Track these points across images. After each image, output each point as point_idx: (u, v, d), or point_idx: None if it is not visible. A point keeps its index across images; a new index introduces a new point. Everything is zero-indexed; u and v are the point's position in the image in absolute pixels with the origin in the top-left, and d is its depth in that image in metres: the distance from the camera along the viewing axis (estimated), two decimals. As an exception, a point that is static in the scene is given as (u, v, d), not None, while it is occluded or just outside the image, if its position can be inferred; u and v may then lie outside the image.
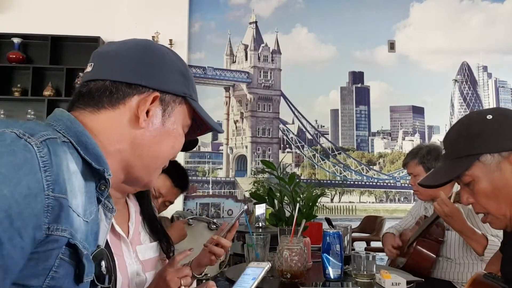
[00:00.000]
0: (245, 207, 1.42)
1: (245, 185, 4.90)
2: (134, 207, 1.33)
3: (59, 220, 0.57)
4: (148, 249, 1.30)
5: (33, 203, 0.54)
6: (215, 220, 2.20)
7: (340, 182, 5.19)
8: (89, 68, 0.74)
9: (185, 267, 1.23)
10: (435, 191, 1.93)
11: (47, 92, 4.33)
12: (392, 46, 5.23)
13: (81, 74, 4.39)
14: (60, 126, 0.65)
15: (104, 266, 0.71)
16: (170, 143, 0.76)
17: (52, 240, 0.56)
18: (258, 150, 5.09)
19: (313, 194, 2.07)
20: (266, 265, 0.91)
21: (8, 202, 0.51)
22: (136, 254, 1.27)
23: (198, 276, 1.36)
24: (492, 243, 1.61)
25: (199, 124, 0.85)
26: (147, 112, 0.72)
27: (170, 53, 0.79)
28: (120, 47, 0.76)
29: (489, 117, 0.97)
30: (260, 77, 5.18)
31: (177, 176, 2.10)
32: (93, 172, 0.65)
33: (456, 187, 1.88)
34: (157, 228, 1.37)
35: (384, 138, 5.40)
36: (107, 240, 1.19)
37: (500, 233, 1.66)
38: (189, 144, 0.85)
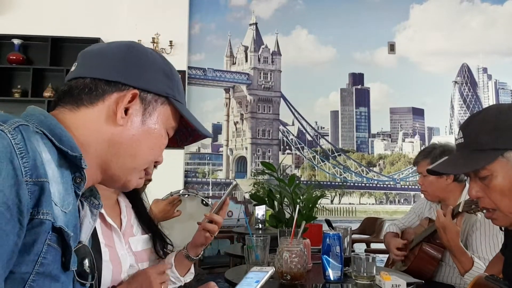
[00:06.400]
0: (234, 182, 1.43)
1: (245, 186, 4.90)
2: (124, 202, 1.35)
3: (39, 203, 0.57)
4: (140, 240, 1.34)
5: (21, 191, 0.55)
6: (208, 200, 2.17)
7: (340, 183, 5.19)
8: (73, 68, 0.74)
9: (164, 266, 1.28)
10: (443, 193, 1.90)
11: (47, 93, 4.33)
12: (392, 48, 5.23)
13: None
14: (33, 120, 0.64)
15: (87, 265, 0.71)
16: (150, 143, 0.75)
17: (37, 224, 0.57)
18: (258, 152, 5.08)
19: (313, 195, 2.06)
20: (270, 270, 0.90)
21: (2, 193, 0.53)
22: (129, 245, 1.29)
23: (195, 258, 1.36)
24: (477, 269, 1.57)
25: (189, 130, 0.84)
26: (127, 110, 0.71)
27: (154, 53, 0.78)
28: (103, 46, 0.76)
29: None
30: (260, 78, 5.18)
31: None
32: (69, 163, 0.65)
33: (465, 195, 1.86)
34: (149, 223, 1.39)
35: (384, 139, 5.39)
36: (96, 233, 1.21)
37: (492, 256, 1.65)
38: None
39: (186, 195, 1.76)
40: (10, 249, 0.54)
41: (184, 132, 0.84)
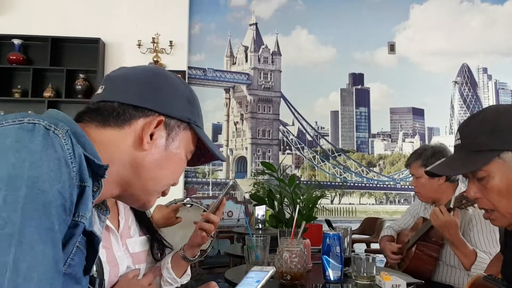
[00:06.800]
0: (230, 182, 1.47)
1: (245, 186, 4.90)
2: (122, 203, 1.36)
3: (78, 205, 0.59)
4: (138, 242, 1.35)
5: (73, 193, 0.58)
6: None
7: (340, 183, 5.19)
8: (99, 90, 0.76)
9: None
10: (435, 194, 1.91)
11: (47, 93, 4.33)
12: (392, 48, 5.23)
13: (81, 75, 4.40)
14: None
15: (94, 269, 0.72)
16: (171, 167, 0.77)
17: (72, 226, 0.59)
18: (258, 152, 5.08)
19: (313, 195, 2.06)
20: (271, 269, 0.90)
21: (62, 196, 0.55)
22: (126, 247, 1.30)
23: (191, 259, 1.36)
24: (481, 260, 1.58)
25: (203, 152, 0.86)
26: (151, 135, 0.73)
27: (178, 80, 0.80)
28: (130, 71, 0.78)
29: None
30: (260, 78, 5.18)
31: None
32: (91, 171, 0.66)
33: (456, 192, 1.87)
34: (147, 225, 1.40)
35: (384, 139, 5.40)
36: None
37: (492, 249, 1.65)
38: None
39: (190, 205, 1.77)
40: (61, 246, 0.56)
41: (197, 154, 0.86)
